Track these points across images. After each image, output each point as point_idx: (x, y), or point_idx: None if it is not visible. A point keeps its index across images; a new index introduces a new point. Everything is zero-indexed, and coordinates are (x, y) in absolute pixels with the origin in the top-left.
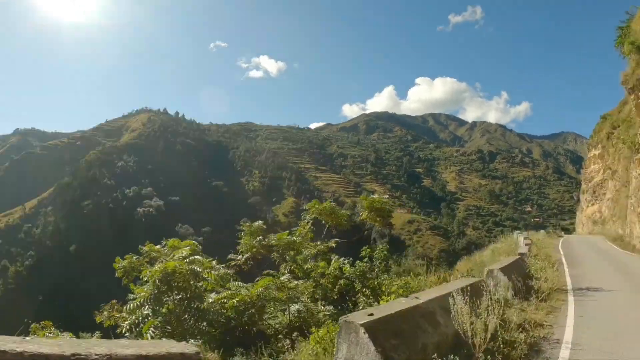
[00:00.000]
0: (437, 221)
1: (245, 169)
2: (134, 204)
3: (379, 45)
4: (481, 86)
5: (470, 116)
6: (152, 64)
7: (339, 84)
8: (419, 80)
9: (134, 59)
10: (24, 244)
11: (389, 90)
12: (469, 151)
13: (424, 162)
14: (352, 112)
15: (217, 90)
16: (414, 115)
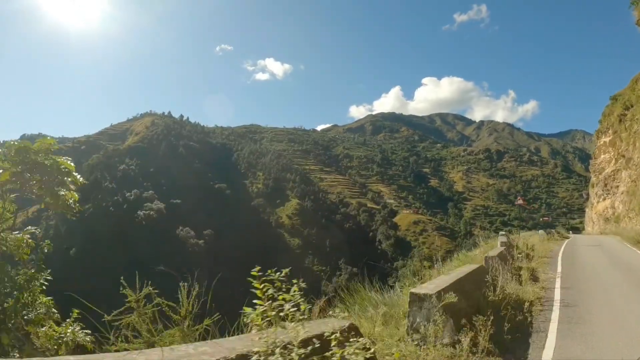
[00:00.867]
0: (444, 222)
1: (249, 171)
2: (135, 207)
3: (385, 46)
4: (488, 85)
5: (477, 115)
6: (158, 68)
7: (345, 86)
8: (425, 80)
9: (140, 64)
10: None
11: (396, 90)
12: (476, 150)
13: (430, 162)
14: (359, 113)
15: (223, 93)
16: (421, 115)
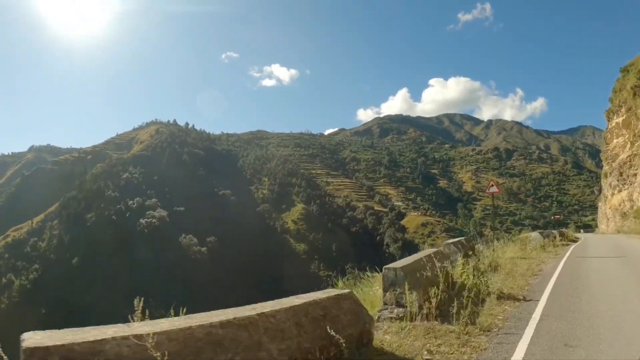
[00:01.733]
0: (453, 222)
1: (254, 176)
2: (138, 215)
3: (390, 48)
4: (495, 84)
5: (485, 115)
6: (163, 77)
7: (352, 89)
8: (432, 81)
9: (146, 73)
10: (30, 258)
11: (403, 93)
12: (485, 150)
13: (439, 163)
14: (366, 116)
15: (230, 100)
16: (429, 116)
